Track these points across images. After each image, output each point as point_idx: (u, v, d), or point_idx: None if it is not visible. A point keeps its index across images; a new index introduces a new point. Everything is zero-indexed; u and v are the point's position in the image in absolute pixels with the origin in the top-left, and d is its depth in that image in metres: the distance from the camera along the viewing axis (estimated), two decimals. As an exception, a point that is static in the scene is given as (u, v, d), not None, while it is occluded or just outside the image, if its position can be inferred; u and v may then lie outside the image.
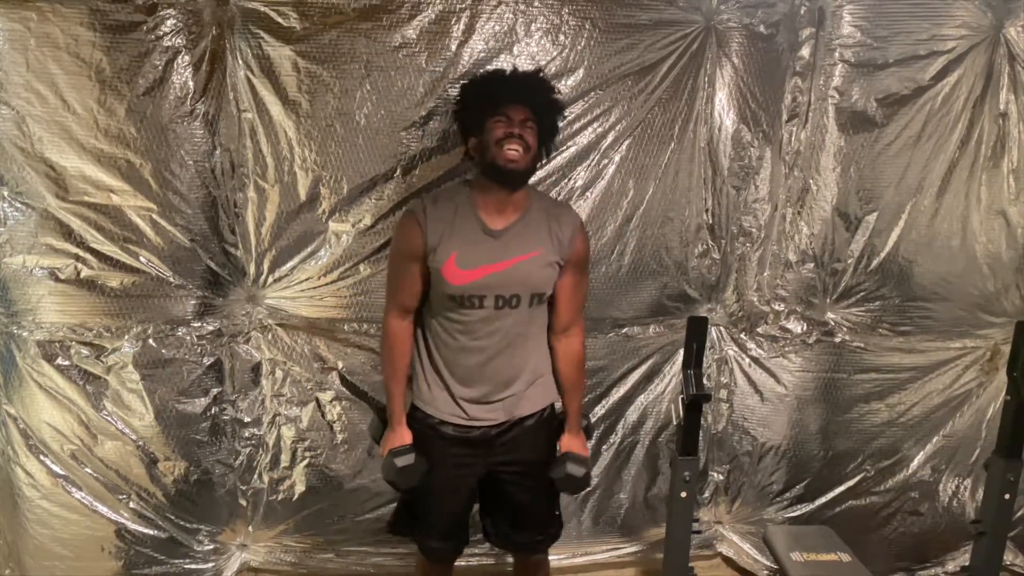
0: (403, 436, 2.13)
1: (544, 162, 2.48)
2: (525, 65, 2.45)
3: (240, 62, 2.36)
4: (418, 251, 2.01)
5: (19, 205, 2.36)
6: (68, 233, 2.39)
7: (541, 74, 2.16)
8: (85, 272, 2.43)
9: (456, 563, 2.41)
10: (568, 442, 2.22)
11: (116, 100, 2.30)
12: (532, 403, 2.15)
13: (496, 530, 2.31)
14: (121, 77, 2.29)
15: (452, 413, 2.11)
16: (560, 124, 2.24)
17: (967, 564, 2.82)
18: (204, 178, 2.43)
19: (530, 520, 2.27)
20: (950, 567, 3.14)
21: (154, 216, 2.42)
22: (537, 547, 2.33)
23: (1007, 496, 2.59)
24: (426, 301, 2.13)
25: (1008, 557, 3.04)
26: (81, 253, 2.41)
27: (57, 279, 2.42)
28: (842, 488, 3.03)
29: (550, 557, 2.88)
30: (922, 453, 3.02)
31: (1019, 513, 3.05)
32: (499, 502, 2.26)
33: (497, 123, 1.95)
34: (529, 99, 2.00)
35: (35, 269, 2.41)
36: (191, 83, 2.34)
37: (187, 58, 2.32)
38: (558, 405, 2.28)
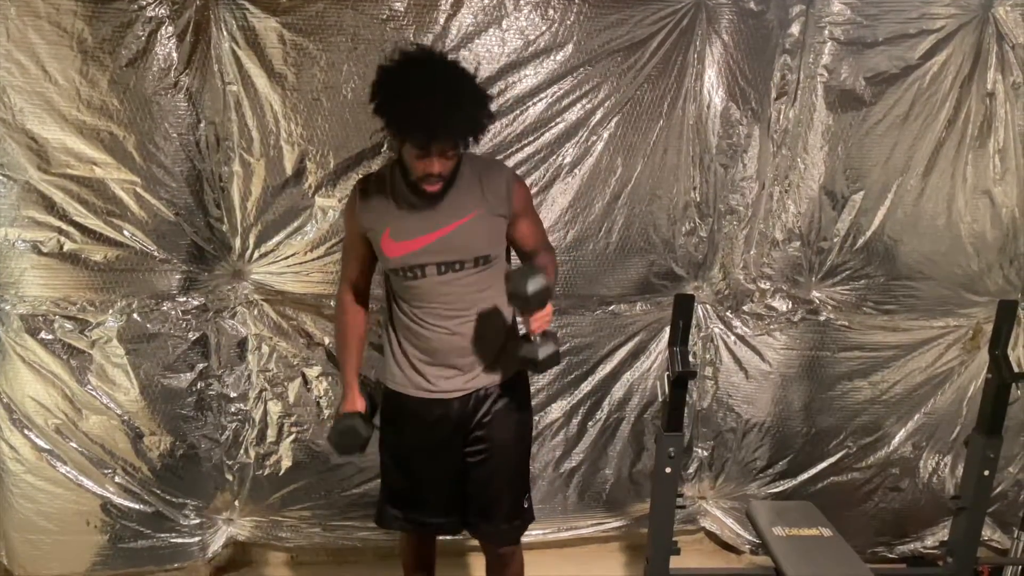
0: (353, 403, 2.11)
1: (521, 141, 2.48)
2: (513, 40, 2.44)
3: (225, 33, 2.33)
4: (356, 227, 2.02)
5: (0, 177, 2.33)
6: (51, 206, 2.36)
7: (456, 91, 1.79)
8: (68, 245, 2.40)
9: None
10: None
11: (98, 71, 2.27)
12: (493, 374, 2.09)
13: (468, 519, 2.25)
14: (103, 48, 2.26)
15: (417, 386, 2.08)
16: (488, 124, 1.94)
17: (946, 539, 2.86)
18: (188, 151, 2.41)
19: (494, 509, 2.20)
20: (929, 542, 3.19)
21: (138, 189, 2.39)
22: (501, 538, 2.25)
23: (986, 472, 2.62)
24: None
25: (986, 532, 3.10)
26: (64, 226, 2.39)
27: (40, 252, 2.40)
28: (824, 464, 3.06)
29: (536, 531, 2.93)
30: (904, 430, 3.05)
31: (998, 489, 3.09)
32: (468, 488, 2.21)
33: (414, 156, 1.82)
34: (446, 136, 1.79)
35: (17, 242, 2.38)
36: (175, 54, 2.31)
37: (171, 29, 2.28)
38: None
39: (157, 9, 2.25)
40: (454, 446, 2.14)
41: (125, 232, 2.43)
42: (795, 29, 2.59)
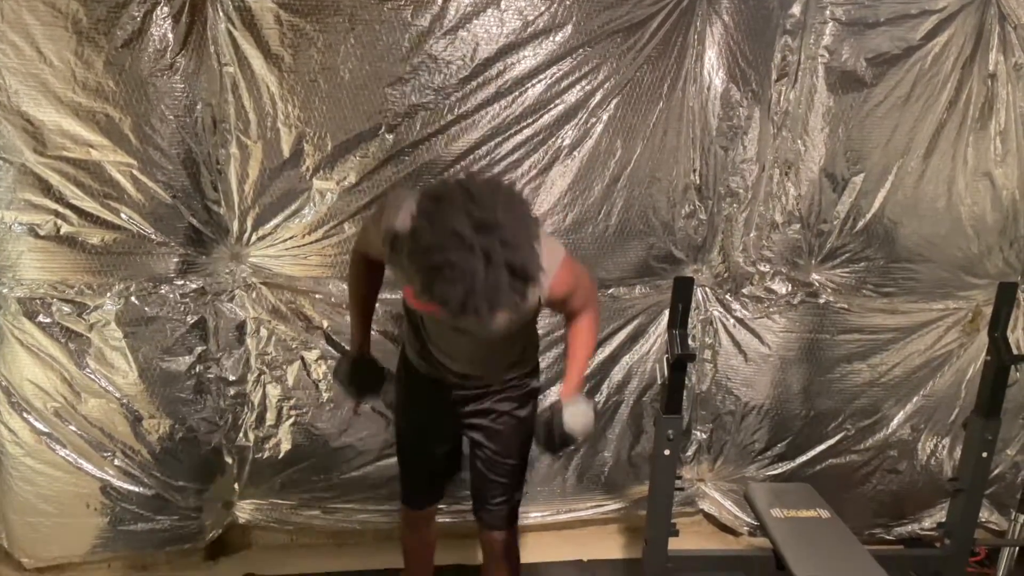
0: (360, 348, 2.13)
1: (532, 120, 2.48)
2: (512, 21, 2.42)
3: (221, 14, 2.31)
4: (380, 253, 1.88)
5: (-4, 160, 2.32)
6: (47, 189, 2.35)
7: (500, 290, 1.45)
8: (65, 228, 2.39)
9: (441, 520, 2.42)
10: (564, 392, 2.02)
11: (94, 52, 2.25)
12: (495, 380, 2.10)
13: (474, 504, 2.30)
14: (98, 28, 2.23)
15: (420, 366, 2.10)
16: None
17: (943, 521, 2.87)
18: (185, 133, 2.39)
19: (484, 492, 2.22)
20: (927, 524, 3.21)
21: (134, 172, 2.38)
22: (491, 521, 2.26)
23: (984, 454, 2.62)
24: None
25: (984, 514, 3.11)
26: (61, 209, 2.37)
27: (37, 235, 2.38)
28: (823, 447, 3.07)
29: (535, 514, 2.94)
30: (902, 412, 3.06)
31: (996, 471, 3.10)
32: (470, 468, 2.25)
33: None
34: (481, 324, 1.56)
35: (14, 225, 2.37)
36: (171, 35, 2.29)
37: (166, 9, 2.26)
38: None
39: (152, -11, 2.24)
40: (449, 416, 2.16)
41: (122, 215, 2.41)
42: (796, 9, 2.57)
